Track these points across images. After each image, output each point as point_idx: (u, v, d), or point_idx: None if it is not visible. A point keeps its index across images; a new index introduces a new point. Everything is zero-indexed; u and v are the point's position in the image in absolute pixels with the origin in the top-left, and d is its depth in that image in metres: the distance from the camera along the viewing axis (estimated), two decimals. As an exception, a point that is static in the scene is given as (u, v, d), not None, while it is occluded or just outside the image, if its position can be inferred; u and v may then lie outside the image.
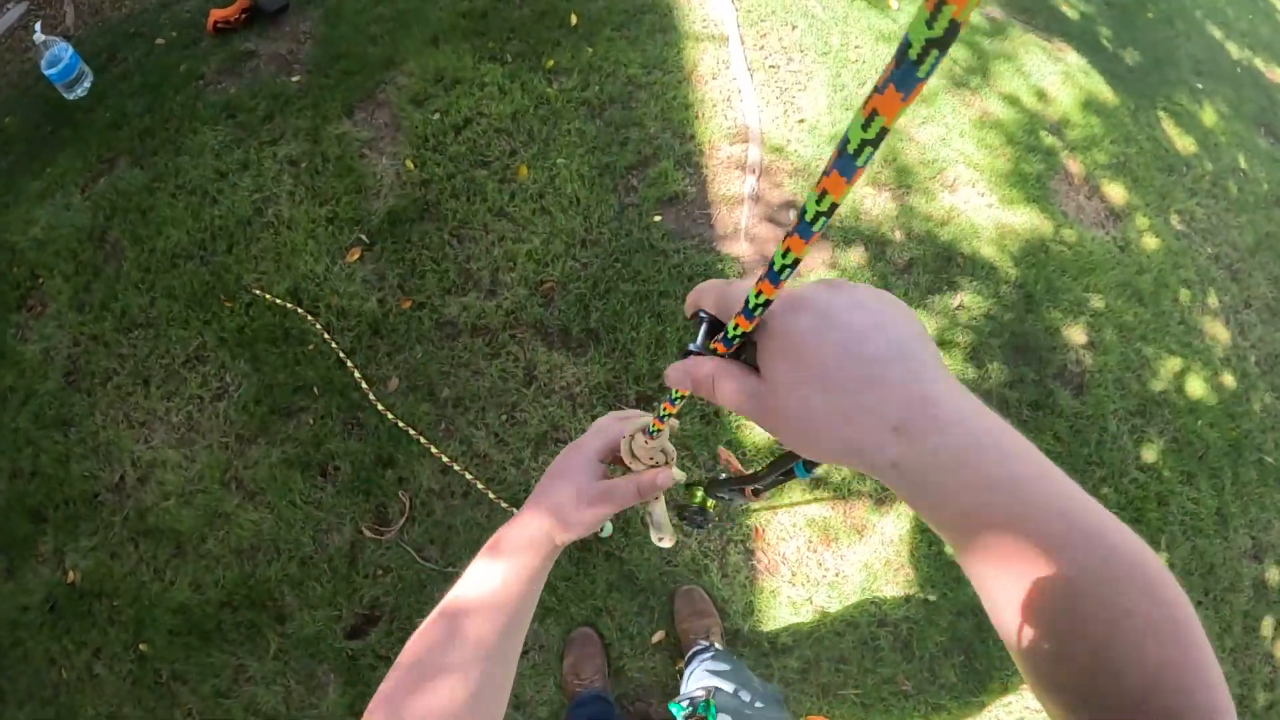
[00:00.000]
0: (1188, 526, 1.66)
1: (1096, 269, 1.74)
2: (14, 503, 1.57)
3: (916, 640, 1.42)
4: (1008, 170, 1.74)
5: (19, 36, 2.09)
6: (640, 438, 0.42)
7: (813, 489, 1.41)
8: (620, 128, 1.52)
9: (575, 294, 1.42)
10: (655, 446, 0.42)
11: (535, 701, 1.31)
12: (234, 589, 1.41)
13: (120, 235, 1.68)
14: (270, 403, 1.45)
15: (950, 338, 1.56)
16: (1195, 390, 1.77)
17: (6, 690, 1.55)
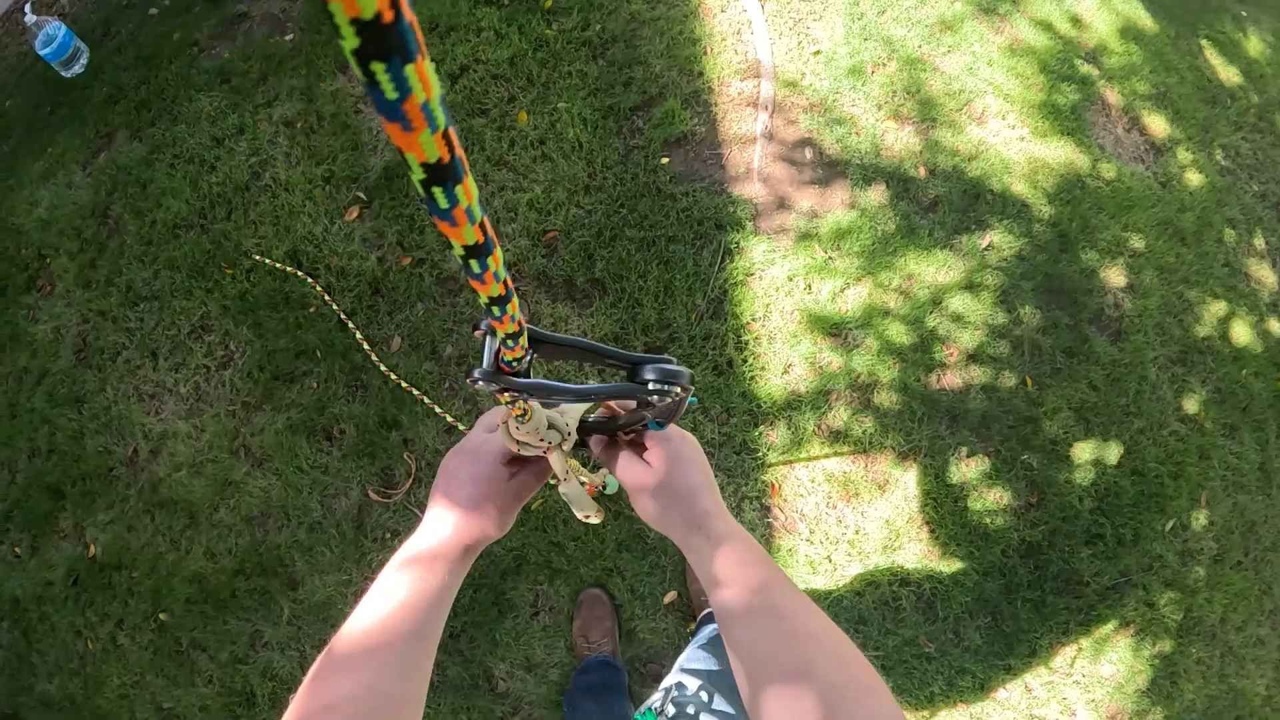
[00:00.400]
0: (1229, 482, 1.55)
1: (1136, 206, 1.61)
2: (33, 481, 1.58)
3: (940, 601, 1.35)
4: (1040, 101, 1.61)
5: (14, 20, 2.08)
6: (513, 424, 0.40)
7: (832, 442, 1.34)
8: (624, 67, 1.44)
9: (579, 243, 1.36)
10: (532, 428, 0.40)
11: (546, 664, 1.28)
12: (246, 557, 1.40)
13: (122, 210, 1.66)
14: (274, 369, 1.42)
15: (979, 280, 1.45)
16: (1240, 337, 1.64)
17: (36, 664, 1.57)
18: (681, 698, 0.68)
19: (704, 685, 0.70)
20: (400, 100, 0.13)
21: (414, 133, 0.14)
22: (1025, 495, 1.42)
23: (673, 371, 0.33)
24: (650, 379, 0.32)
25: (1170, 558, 1.49)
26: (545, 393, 0.33)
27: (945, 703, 1.37)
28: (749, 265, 1.37)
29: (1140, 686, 1.46)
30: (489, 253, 0.21)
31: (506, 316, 0.27)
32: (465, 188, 0.18)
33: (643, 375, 0.33)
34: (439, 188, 0.16)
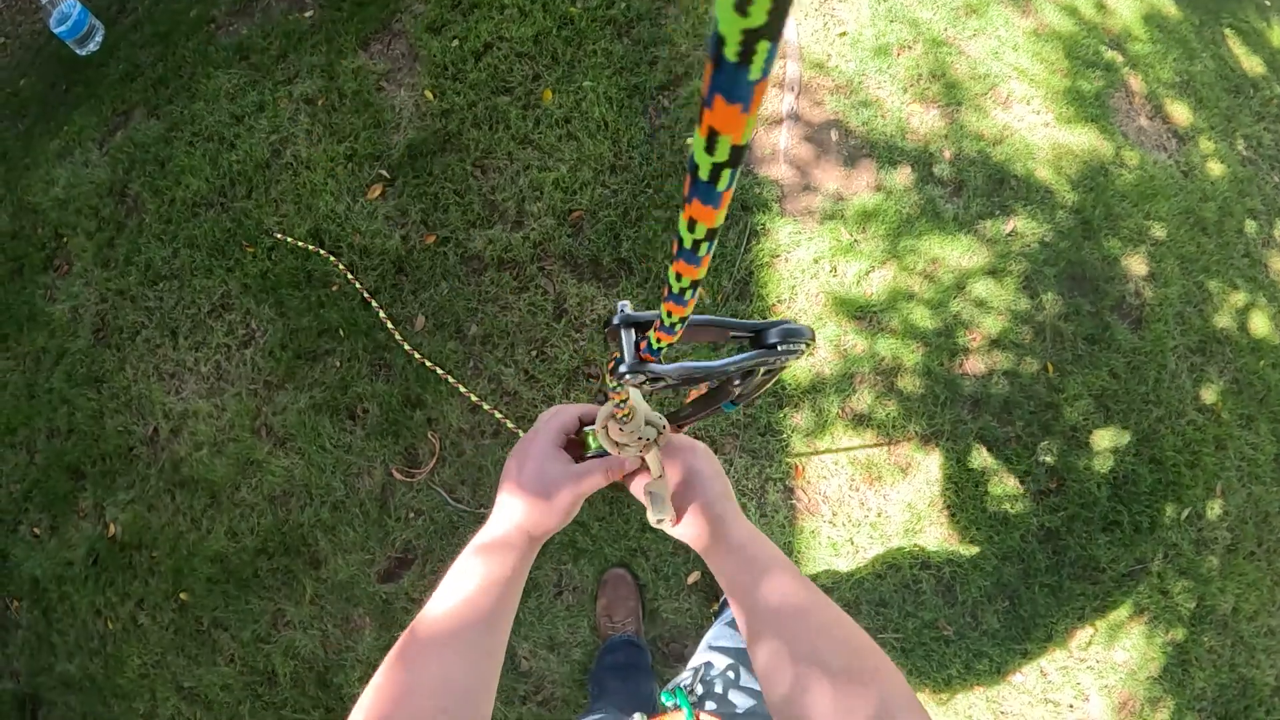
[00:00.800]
0: (1245, 473, 1.56)
1: (1158, 195, 1.61)
2: (53, 461, 1.59)
3: (959, 584, 1.36)
4: (1065, 87, 1.60)
5: (29, -3, 2.06)
6: (613, 425, 0.41)
7: (856, 426, 1.34)
8: (649, 46, 1.43)
9: (605, 222, 1.35)
10: (633, 427, 0.41)
11: (570, 643, 1.28)
12: (268, 536, 1.41)
13: (140, 188, 1.65)
14: (296, 347, 1.42)
15: (1002, 266, 1.45)
16: (1259, 328, 1.64)
17: (57, 644, 1.58)
18: (709, 676, 0.70)
19: (732, 663, 0.71)
20: (759, 80, 0.14)
21: (750, 114, 0.15)
22: (1045, 481, 1.43)
23: (794, 330, 0.34)
24: (775, 341, 0.34)
25: (1185, 546, 1.50)
26: (690, 374, 0.34)
27: (962, 685, 1.38)
28: (775, 247, 1.36)
29: (1152, 673, 1.47)
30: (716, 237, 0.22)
31: (691, 301, 0.28)
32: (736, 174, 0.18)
33: (768, 339, 0.34)
34: (729, 170, 0.17)
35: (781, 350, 0.34)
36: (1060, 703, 1.44)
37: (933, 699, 1.38)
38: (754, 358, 0.35)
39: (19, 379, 1.66)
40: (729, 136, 0.15)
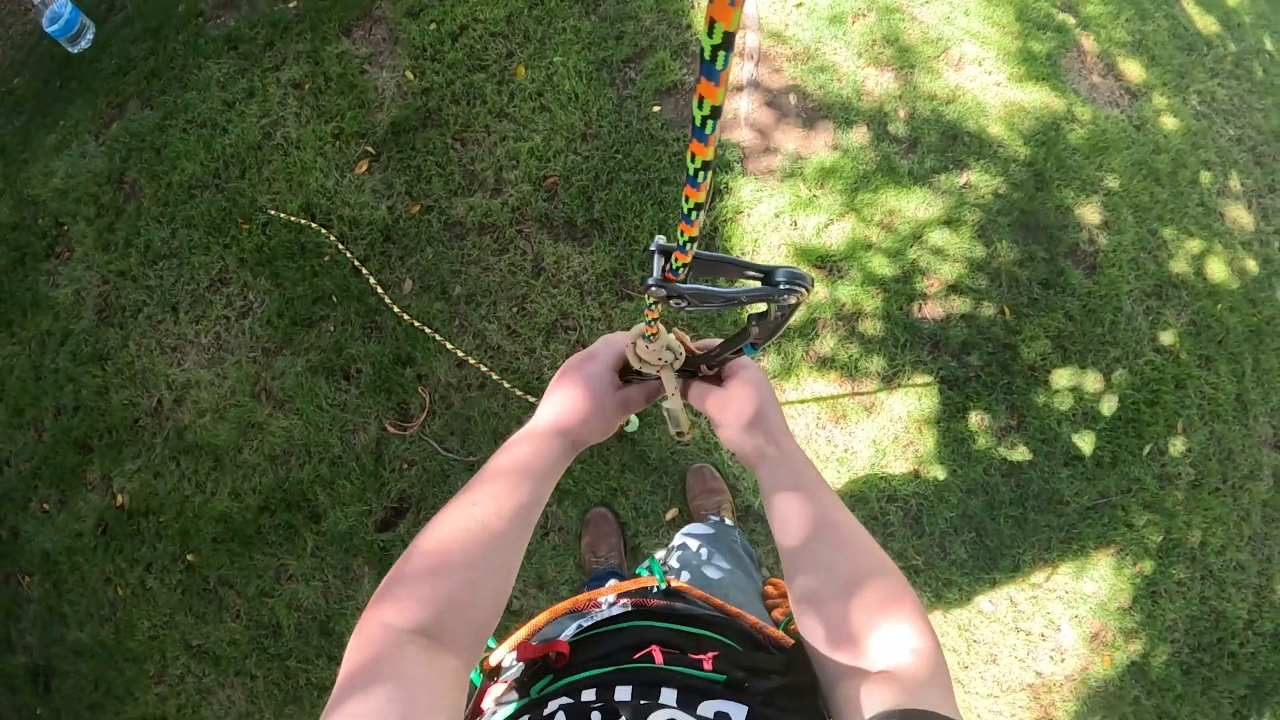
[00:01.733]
0: (1205, 411, 1.68)
1: (1110, 148, 1.75)
2: (60, 437, 1.72)
3: (926, 516, 1.49)
4: (1017, 48, 1.75)
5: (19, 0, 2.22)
6: (641, 343, 0.47)
7: (820, 368, 1.48)
8: (615, 22, 1.58)
9: (578, 186, 1.50)
10: (657, 348, 0.47)
11: (557, 581, 1.42)
12: (270, 494, 1.54)
13: (137, 175, 1.80)
14: (292, 315, 1.57)
15: (957, 216, 1.59)
16: (1215, 273, 1.77)
17: (68, 614, 1.71)
18: (685, 554, 0.78)
19: (703, 545, 0.80)
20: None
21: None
22: (1005, 418, 1.56)
23: (799, 274, 0.38)
24: (781, 280, 0.38)
25: (1148, 481, 1.63)
26: (703, 296, 0.39)
27: (933, 613, 1.51)
28: (738, 204, 1.51)
29: (1122, 605, 1.59)
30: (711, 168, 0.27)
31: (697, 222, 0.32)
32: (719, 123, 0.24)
33: (775, 278, 0.38)
34: (724, 52, 0.22)
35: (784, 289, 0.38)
36: (1032, 632, 1.57)
37: (904, 627, 1.51)
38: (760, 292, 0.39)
39: (25, 362, 1.80)
40: (722, 23, 0.20)
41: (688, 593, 0.58)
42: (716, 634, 0.47)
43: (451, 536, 0.41)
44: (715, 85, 0.23)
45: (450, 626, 0.38)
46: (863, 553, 0.44)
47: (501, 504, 0.43)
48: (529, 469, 0.45)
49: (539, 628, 0.55)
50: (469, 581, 0.39)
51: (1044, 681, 1.57)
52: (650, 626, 0.47)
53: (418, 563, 0.40)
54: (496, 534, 0.41)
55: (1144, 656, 1.61)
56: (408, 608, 0.38)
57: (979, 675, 1.54)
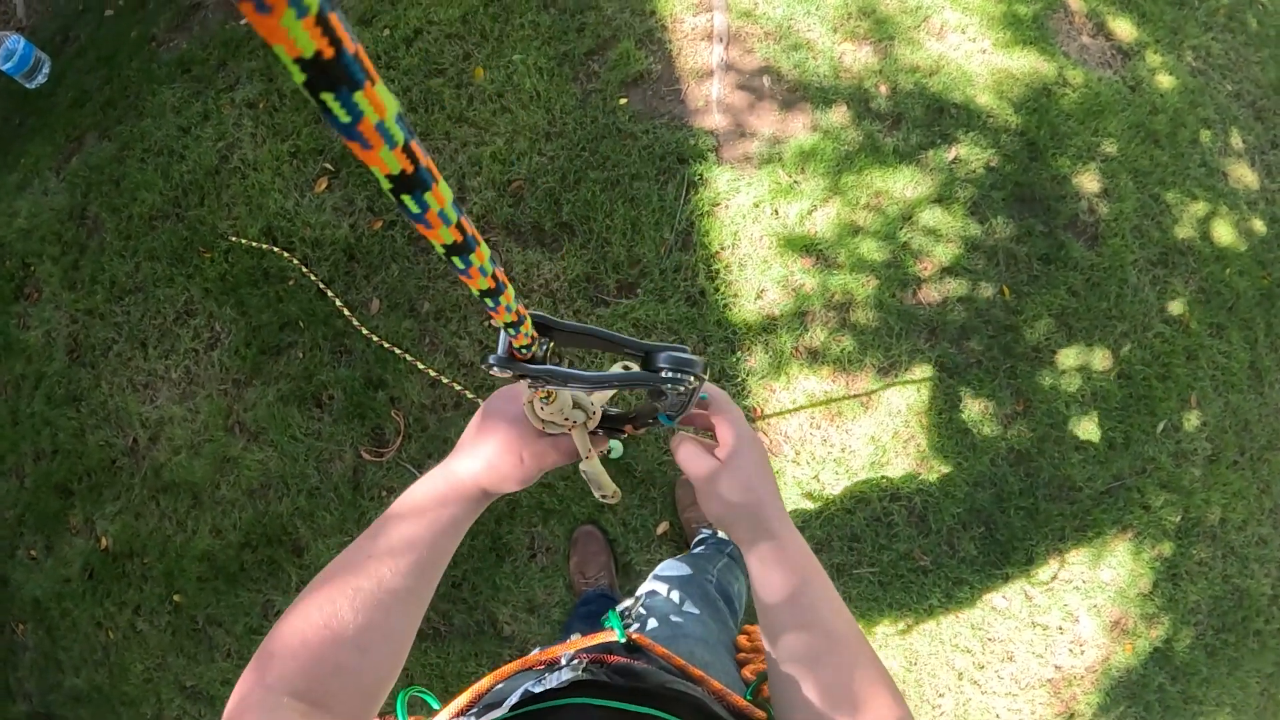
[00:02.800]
0: (1219, 381, 1.58)
1: (1105, 111, 1.64)
2: (41, 482, 1.67)
3: (932, 513, 1.40)
4: (1001, 12, 1.64)
5: (-23, 37, 2.14)
6: (537, 404, 0.41)
7: (811, 363, 1.39)
8: (575, 14, 1.49)
9: (544, 189, 1.41)
10: (556, 409, 0.41)
11: (548, 604, 1.34)
12: (251, 529, 1.48)
13: (99, 209, 1.73)
14: (259, 343, 1.49)
15: (948, 194, 1.49)
16: (1222, 236, 1.67)
17: (63, 660, 1.66)
18: (652, 602, 0.72)
19: (673, 588, 0.74)
20: (354, 123, 0.14)
21: (373, 149, 0.16)
22: (1010, 404, 1.47)
23: (686, 360, 0.33)
24: (664, 367, 0.33)
25: (1164, 459, 1.53)
26: (559, 379, 0.33)
27: (946, 614, 1.43)
28: (714, 195, 1.41)
29: (1142, 590, 1.51)
30: (471, 249, 0.22)
31: (501, 308, 0.28)
32: (435, 194, 0.19)
33: (656, 362, 0.33)
34: (408, 195, 0.18)
35: (669, 379, 0.32)
36: (1049, 625, 1.48)
37: (916, 630, 1.42)
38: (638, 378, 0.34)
39: (2, 407, 1.74)
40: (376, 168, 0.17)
41: (650, 649, 0.53)
42: (665, 713, 0.41)
43: (341, 594, 0.37)
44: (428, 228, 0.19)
45: (335, 693, 0.35)
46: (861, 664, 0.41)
47: (401, 560, 0.39)
48: (435, 521, 0.41)
49: (484, 692, 0.49)
50: (359, 646, 0.36)
51: (1064, 675, 1.49)
52: (591, 706, 0.41)
53: (300, 623, 0.36)
54: (393, 593, 0.38)
55: (1167, 642, 1.52)
56: (289, 671, 0.35)
57: (996, 674, 1.46)
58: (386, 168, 0.17)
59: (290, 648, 0.35)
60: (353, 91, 0.14)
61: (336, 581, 0.38)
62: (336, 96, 0.14)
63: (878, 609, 1.42)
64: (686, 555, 0.98)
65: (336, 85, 0.13)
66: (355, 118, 0.14)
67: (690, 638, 0.64)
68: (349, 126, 0.15)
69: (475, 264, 0.23)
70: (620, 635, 0.53)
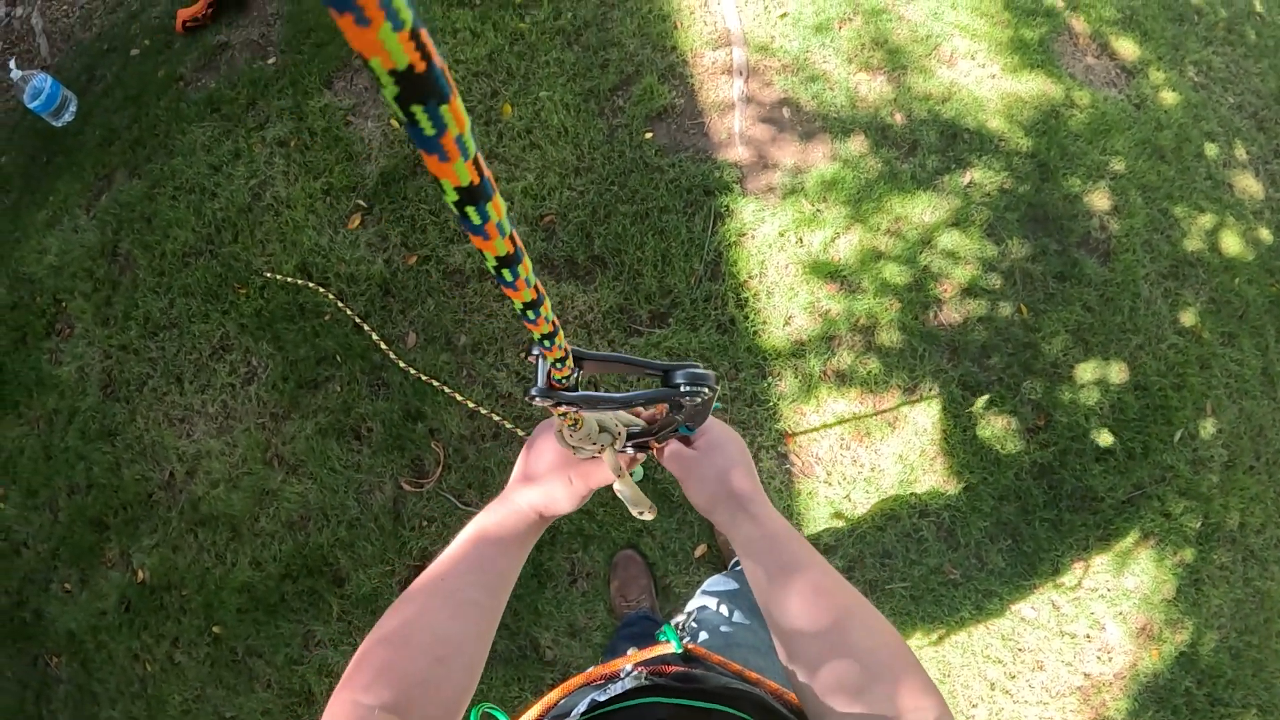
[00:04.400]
0: (1233, 389, 1.63)
1: (1113, 130, 1.70)
2: (76, 516, 1.69)
3: (960, 528, 1.44)
4: (1008, 37, 1.70)
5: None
6: (566, 431, 0.45)
7: (839, 385, 1.43)
8: (599, 50, 1.54)
9: (576, 223, 1.46)
10: (584, 434, 0.44)
11: (589, 628, 1.38)
12: (291, 560, 1.51)
13: (130, 246, 1.77)
14: (297, 377, 1.53)
15: (964, 217, 1.54)
16: (1230, 247, 1.72)
17: (99, 693, 1.68)
18: (703, 615, 0.76)
19: (723, 602, 0.77)
20: (438, 136, 0.15)
21: (449, 162, 0.16)
22: (1031, 419, 1.52)
23: (700, 374, 0.37)
24: (681, 382, 0.37)
25: (1182, 467, 1.58)
26: (593, 403, 0.38)
27: (976, 626, 1.47)
28: (740, 226, 1.46)
29: (1166, 596, 1.55)
30: (519, 261, 0.23)
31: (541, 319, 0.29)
32: (495, 204, 0.19)
33: (674, 379, 0.37)
34: (471, 207, 0.18)
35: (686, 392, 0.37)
36: (1076, 634, 1.52)
37: (948, 642, 1.46)
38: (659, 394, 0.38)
39: (35, 442, 1.77)
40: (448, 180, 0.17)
41: (705, 658, 0.56)
42: (730, 708, 0.44)
43: (421, 612, 0.41)
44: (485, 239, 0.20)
45: (420, 703, 0.38)
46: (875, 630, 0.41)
47: (473, 579, 0.43)
48: (499, 543, 0.45)
49: (552, 705, 0.52)
50: (439, 658, 0.39)
51: (1093, 682, 1.53)
52: (660, 704, 0.45)
53: (387, 638, 0.40)
54: (466, 609, 0.42)
55: (1192, 646, 1.56)
56: (377, 685, 0.38)
57: (1027, 683, 1.50)
58: (458, 179, 0.17)
59: (379, 662, 0.39)
60: (440, 104, 0.14)
61: (417, 601, 0.42)
62: (425, 109, 0.14)
63: (911, 623, 1.46)
64: (731, 571, 1.02)
65: (426, 98, 0.14)
66: (440, 130, 0.15)
67: (743, 646, 0.67)
68: (433, 139, 0.15)
69: (522, 275, 0.24)
70: (677, 646, 0.56)
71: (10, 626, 1.70)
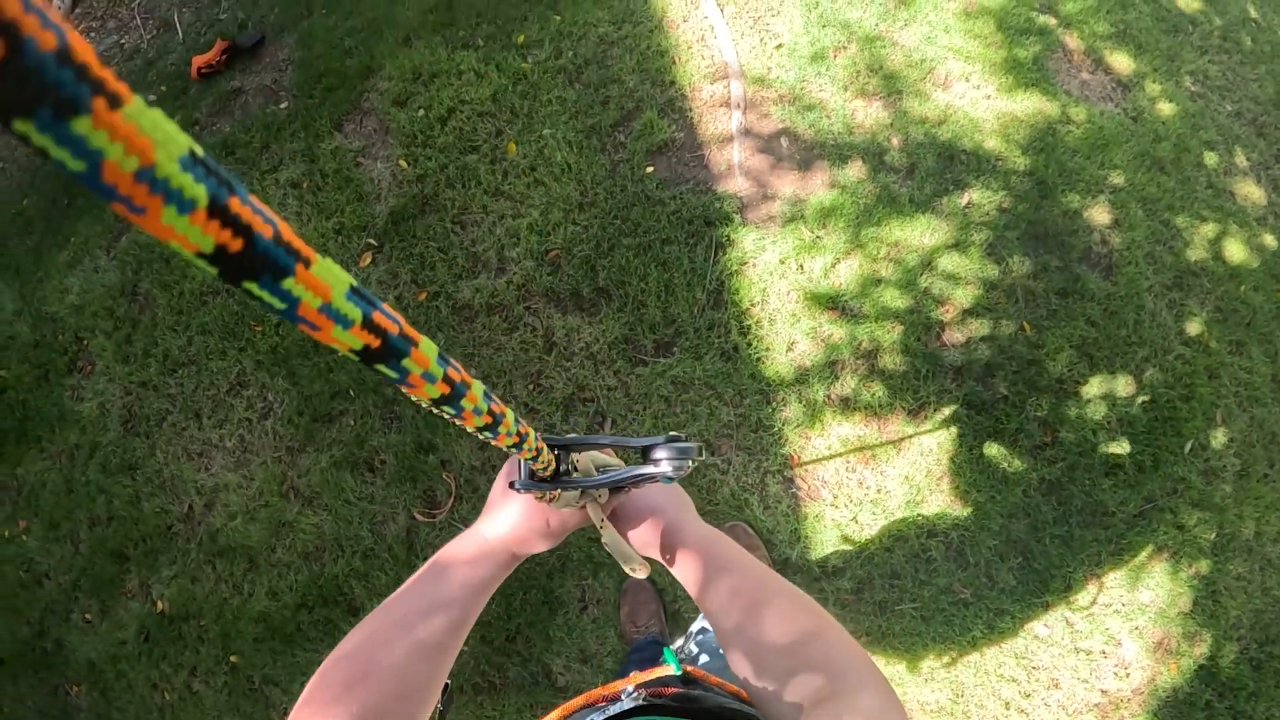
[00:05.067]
0: (1243, 397, 1.63)
1: (1110, 144, 1.72)
2: (97, 548, 1.74)
3: (969, 547, 1.45)
4: (1002, 57, 1.74)
5: (25, 121, 2.28)
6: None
7: (844, 410, 1.46)
8: (599, 87, 1.59)
9: (580, 257, 1.50)
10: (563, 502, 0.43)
11: (600, 654, 1.40)
12: (306, 591, 1.54)
13: (150, 285, 1.84)
14: (312, 412, 1.57)
15: (964, 238, 1.57)
16: (1234, 255, 1.73)
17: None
18: (704, 638, 0.77)
19: None
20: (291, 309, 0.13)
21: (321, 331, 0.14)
22: (1039, 435, 1.53)
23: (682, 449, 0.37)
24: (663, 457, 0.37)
25: (1194, 479, 1.58)
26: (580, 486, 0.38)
27: (989, 645, 1.47)
28: (742, 255, 1.50)
29: (1183, 609, 1.54)
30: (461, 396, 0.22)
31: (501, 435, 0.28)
32: (415, 358, 0.17)
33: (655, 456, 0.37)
34: (380, 364, 0.16)
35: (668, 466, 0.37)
36: (1092, 651, 1.52)
37: (960, 662, 1.46)
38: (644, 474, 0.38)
39: (57, 476, 1.83)
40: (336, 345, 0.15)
41: (704, 679, 0.57)
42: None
43: (382, 644, 0.41)
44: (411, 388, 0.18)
45: None
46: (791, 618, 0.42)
47: (436, 619, 0.43)
48: (466, 583, 0.45)
49: None
50: (396, 693, 0.40)
51: (1111, 699, 1.52)
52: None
53: (346, 667, 0.40)
54: (427, 649, 0.41)
55: (1211, 659, 1.55)
56: (332, 712, 0.38)
57: (1043, 703, 1.49)
58: (345, 345, 0.15)
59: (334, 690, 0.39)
60: (281, 279, 0.12)
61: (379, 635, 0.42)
62: (260, 286, 0.12)
63: (921, 644, 1.46)
64: None
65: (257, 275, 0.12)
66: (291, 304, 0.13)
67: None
68: (287, 312, 0.13)
69: (468, 407, 0.22)
70: (676, 669, 0.56)
71: (32, 656, 1.75)
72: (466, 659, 1.44)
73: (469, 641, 1.45)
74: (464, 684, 1.44)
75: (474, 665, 1.44)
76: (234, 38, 1.96)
